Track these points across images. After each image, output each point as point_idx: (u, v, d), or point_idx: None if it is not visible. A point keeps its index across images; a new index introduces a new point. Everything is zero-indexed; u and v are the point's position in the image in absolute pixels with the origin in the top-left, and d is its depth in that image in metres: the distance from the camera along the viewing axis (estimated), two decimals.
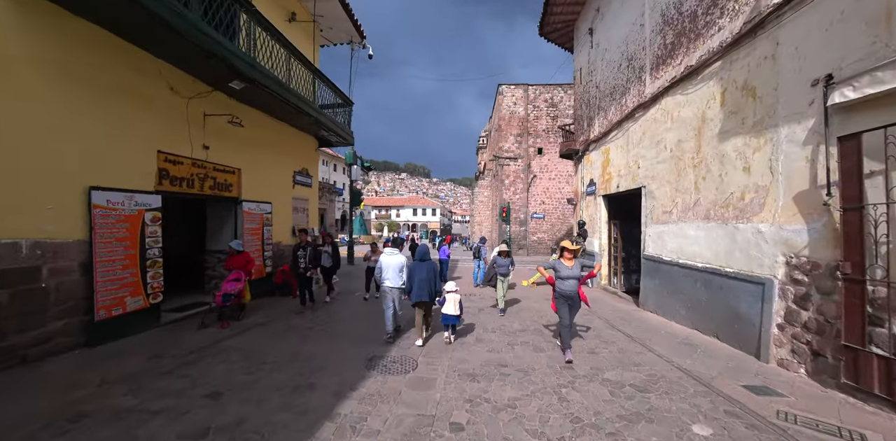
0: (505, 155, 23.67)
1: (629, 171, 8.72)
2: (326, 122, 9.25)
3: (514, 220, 23.47)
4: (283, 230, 8.87)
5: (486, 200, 31.01)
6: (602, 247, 10.52)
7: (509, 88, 23.77)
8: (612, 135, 9.80)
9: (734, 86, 5.30)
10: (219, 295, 5.60)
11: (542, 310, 7.68)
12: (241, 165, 7.20)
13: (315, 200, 10.33)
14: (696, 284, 5.97)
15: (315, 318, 6.57)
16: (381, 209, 68.91)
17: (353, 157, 15.63)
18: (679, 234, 6.56)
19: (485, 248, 10.71)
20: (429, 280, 5.20)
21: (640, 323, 6.56)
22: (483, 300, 8.76)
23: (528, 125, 23.64)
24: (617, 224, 10.20)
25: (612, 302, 8.56)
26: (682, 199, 6.56)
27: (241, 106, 7.22)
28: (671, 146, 6.93)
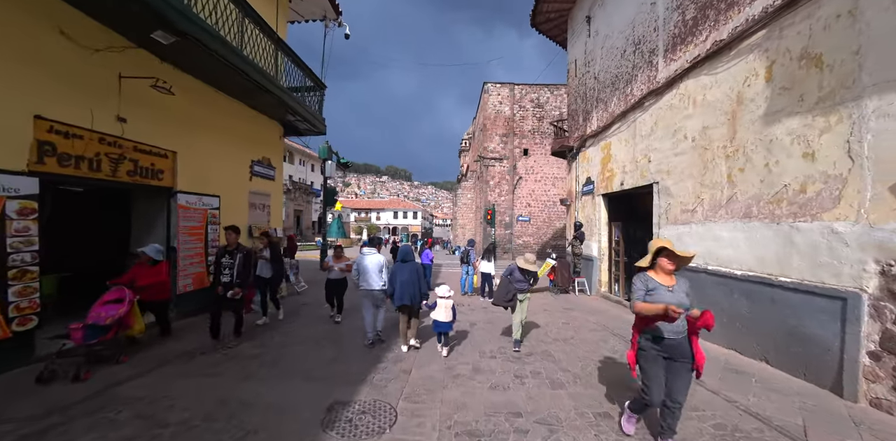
0: (490, 155, 22.70)
1: (637, 167, 7.75)
2: (292, 103, 7.86)
3: (500, 223, 22.47)
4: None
5: (470, 203, 29.97)
6: (602, 251, 9.53)
7: (495, 87, 22.88)
8: (613, 128, 8.85)
9: (787, 56, 4.34)
10: (78, 328, 3.61)
11: (542, 322, 6.52)
12: (178, 148, 5.72)
13: (279, 196, 8.87)
14: (734, 296, 4.96)
15: (263, 343, 5.05)
16: (360, 212, 66.82)
17: (328, 151, 14.15)
18: (706, 236, 5.57)
19: (473, 253, 9.53)
20: (412, 282, 4.73)
21: None
22: (474, 312, 7.53)
23: (514, 125, 22.79)
24: (619, 226, 9.24)
25: (620, 313, 7.52)
26: (709, 196, 5.58)
27: (179, 73, 5.75)
28: (694, 135, 5.97)
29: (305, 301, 8.17)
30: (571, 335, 5.84)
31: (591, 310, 7.83)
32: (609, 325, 6.50)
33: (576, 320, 6.86)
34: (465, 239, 29.55)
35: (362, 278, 5.01)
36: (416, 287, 4.73)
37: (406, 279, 4.71)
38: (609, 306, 8.28)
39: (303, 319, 6.60)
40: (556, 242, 22.42)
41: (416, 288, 4.73)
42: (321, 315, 6.90)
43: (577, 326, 6.43)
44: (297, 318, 6.70)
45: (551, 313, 7.42)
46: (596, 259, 9.72)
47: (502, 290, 5.17)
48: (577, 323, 6.68)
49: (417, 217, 66.79)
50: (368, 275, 4.98)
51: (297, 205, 39.12)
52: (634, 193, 8.78)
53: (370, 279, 4.98)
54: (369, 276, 4.98)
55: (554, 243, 22.61)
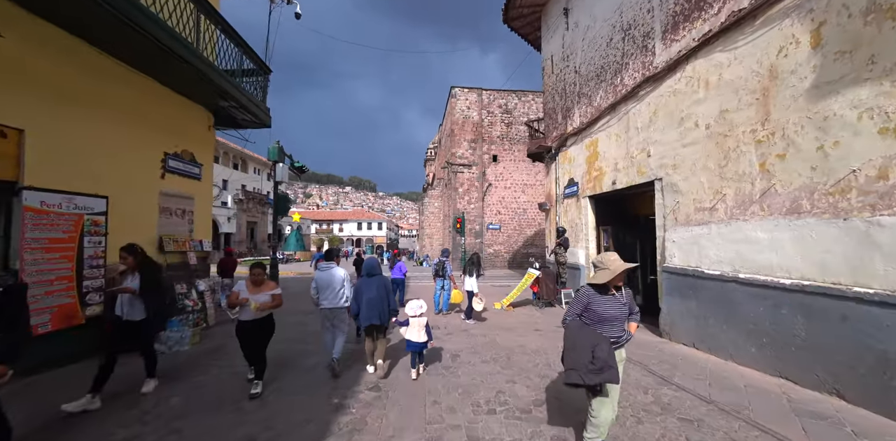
0: (458, 161, 21.69)
1: (632, 163, 6.86)
2: (223, 83, 6.25)
3: (469, 232, 21.35)
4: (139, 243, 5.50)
5: (437, 211, 28.73)
6: (590, 258, 8.54)
7: (463, 91, 22.10)
8: (601, 123, 8.00)
9: (842, 14, 3.51)
10: None
11: (540, 348, 5.26)
12: (28, 125, 3.91)
13: (207, 200, 7.07)
14: (781, 311, 3.98)
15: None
16: (322, 223, 63.44)
17: (279, 152, 12.34)
18: (734, 238, 4.62)
19: (449, 264, 8.19)
20: (380, 299, 4.23)
21: (691, 367, 4.41)
22: (454, 338, 6.13)
23: (483, 131, 22.03)
24: (608, 230, 8.31)
25: None
26: (734, 190, 4.67)
27: (34, 19, 4.04)
28: (708, 121, 5.10)
29: (220, 346, 5.44)
30: None
31: None
32: None
33: None
34: (433, 249, 28.13)
35: (322, 296, 4.39)
36: (384, 304, 4.21)
37: (374, 296, 4.17)
38: None
39: (203, 390, 3.87)
40: (528, 251, 21.64)
41: (384, 305, 4.21)
42: (241, 373, 4.32)
43: None
44: (194, 386, 3.95)
45: (545, 335, 6.20)
46: (583, 267, 8.71)
47: (581, 351, 2.48)
48: None
49: (382, 228, 64.50)
50: (329, 291, 4.36)
51: (251, 216, 35.99)
52: (627, 194, 7.92)
53: (331, 296, 4.36)
54: (330, 293, 4.36)
55: (525, 251, 21.81)
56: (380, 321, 4.18)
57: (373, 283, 4.28)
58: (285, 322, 7.09)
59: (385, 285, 4.33)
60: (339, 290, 4.41)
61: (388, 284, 4.42)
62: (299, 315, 7.86)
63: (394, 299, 4.42)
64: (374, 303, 4.16)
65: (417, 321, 4.18)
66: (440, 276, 8.10)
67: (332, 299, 4.39)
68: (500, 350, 5.32)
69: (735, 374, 4.15)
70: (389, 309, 4.28)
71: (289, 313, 7.91)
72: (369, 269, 4.41)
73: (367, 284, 4.26)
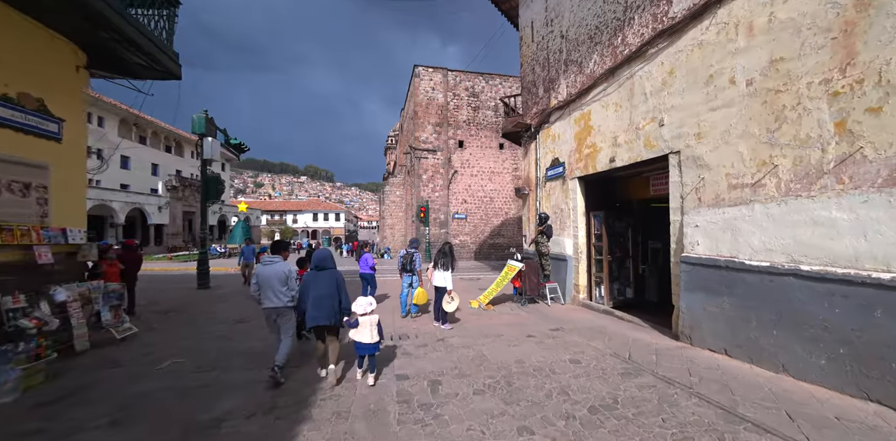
0: (422, 146, 20.04)
1: (637, 135, 5.75)
2: (94, 1, 4.18)
3: (434, 222, 19.94)
4: None
5: (399, 200, 26.93)
6: (578, 248, 7.47)
7: (427, 71, 20.33)
8: (595, 92, 6.84)
9: None
10: None
11: (542, 362, 4.00)
12: None
13: (77, 172, 4.91)
14: (874, 314, 2.99)
15: None
16: (274, 214, 58.78)
17: (206, 123, 10.00)
18: (794, 220, 3.60)
19: (419, 256, 6.71)
20: (330, 296, 3.70)
21: (748, 387, 3.36)
22: (428, 351, 4.70)
23: (448, 114, 20.50)
24: (599, 216, 7.26)
25: (621, 330, 5.39)
26: (792, 158, 3.63)
27: None
28: (751, 76, 4.03)
29: (84, 386, 3.57)
30: (609, 395, 3.39)
31: (586, 329, 5.60)
32: (640, 359, 4.24)
33: (584, 354, 4.49)
34: (394, 240, 26.41)
35: (264, 294, 3.84)
36: (334, 302, 3.74)
37: (323, 293, 3.72)
38: (601, 320, 6.15)
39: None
40: (495, 241, 20.70)
41: (334, 302, 3.74)
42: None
43: (598, 370, 4.03)
44: None
45: (543, 343, 4.96)
46: (570, 258, 7.64)
47: None
48: (590, 359, 4.30)
49: (340, 219, 61.14)
50: (269, 289, 3.81)
51: (188, 205, 31.82)
52: (619, 176, 6.89)
53: (271, 294, 3.81)
54: (270, 291, 3.81)
55: (492, 242, 20.85)
56: (329, 321, 3.68)
57: (322, 277, 3.76)
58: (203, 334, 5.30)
59: (337, 281, 3.80)
60: (282, 287, 3.80)
61: (341, 280, 3.84)
62: (225, 325, 6.01)
63: (346, 297, 3.80)
64: (324, 300, 3.67)
65: (368, 319, 3.70)
66: (408, 272, 6.61)
67: (274, 298, 3.78)
68: (493, 370, 3.99)
69: (809, 398, 3.13)
70: (342, 308, 3.75)
71: (217, 322, 6.05)
72: (319, 261, 3.85)
73: (316, 279, 3.75)
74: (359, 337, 3.65)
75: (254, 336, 5.38)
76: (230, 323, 6.23)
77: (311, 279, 3.78)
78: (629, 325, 5.76)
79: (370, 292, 7.78)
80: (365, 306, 3.73)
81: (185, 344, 5.00)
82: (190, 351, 4.68)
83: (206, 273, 10.02)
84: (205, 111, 10.16)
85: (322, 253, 3.95)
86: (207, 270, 10.11)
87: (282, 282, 3.80)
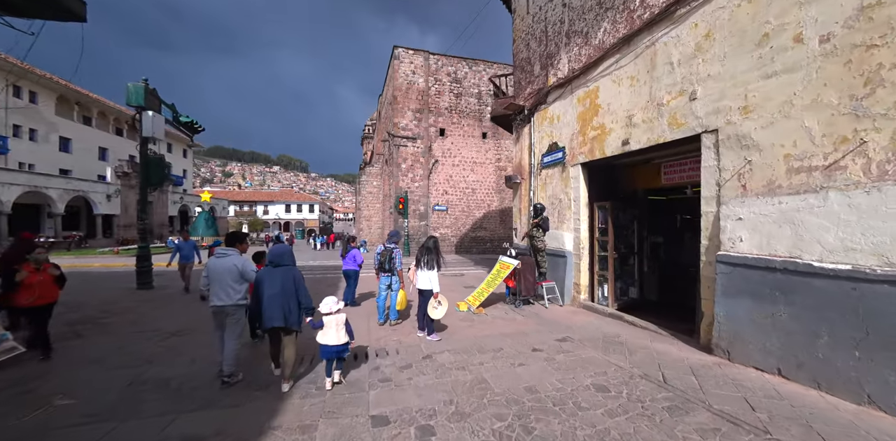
0: (402, 133, 18.71)
1: (659, 113, 4.87)
2: None
3: (413, 214, 18.79)
4: None
5: (376, 191, 25.50)
6: (580, 243, 6.61)
7: (407, 53, 18.89)
8: (605, 65, 5.91)
9: None
10: None
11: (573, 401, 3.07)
12: None
13: None
14: None
15: None
16: (243, 205, 55.44)
17: (146, 95, 8.34)
18: (891, 213, 2.79)
19: (399, 253, 5.61)
20: (285, 294, 3.34)
21: (839, 429, 2.56)
22: (414, 373, 3.66)
23: (430, 100, 19.22)
24: (605, 208, 6.42)
25: (638, 339, 4.57)
26: (888, 133, 2.81)
27: None
28: (828, 30, 3.17)
29: None
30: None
31: (598, 339, 4.74)
32: (679, 383, 3.38)
33: (607, 375, 3.60)
34: (371, 232, 25.04)
35: (212, 290, 3.42)
36: (290, 301, 3.34)
37: (276, 291, 3.31)
38: (610, 326, 5.32)
39: None
40: (477, 234, 19.84)
41: (289, 302, 3.33)
42: None
43: (636, 401, 3.14)
44: None
45: (553, 359, 4.04)
46: (570, 255, 6.78)
47: None
48: (619, 384, 3.41)
49: (315, 211, 58.54)
50: (219, 285, 3.39)
51: None
52: (629, 162, 6.05)
53: (220, 290, 3.39)
54: (220, 287, 3.39)
55: (474, 235, 19.97)
56: (285, 323, 3.34)
57: (277, 274, 3.41)
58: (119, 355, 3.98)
59: (294, 278, 3.44)
60: (235, 283, 3.45)
61: (299, 277, 3.49)
62: (153, 341, 4.71)
63: (306, 295, 3.44)
64: (278, 299, 3.33)
65: (334, 319, 3.42)
66: (386, 271, 5.52)
67: (223, 295, 3.42)
68: (501, 404, 3.01)
69: None
70: (301, 307, 3.42)
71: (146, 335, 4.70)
72: (275, 257, 3.49)
73: (271, 276, 3.42)
74: (325, 339, 3.34)
75: (185, 355, 4.17)
76: (162, 336, 4.93)
77: (265, 276, 3.42)
78: (645, 333, 4.94)
79: (349, 294, 6.73)
80: (330, 305, 3.43)
81: (88, 372, 3.71)
82: (89, 384, 3.42)
83: (147, 271, 8.48)
84: (144, 80, 8.48)
85: (279, 248, 3.56)
86: (149, 268, 8.56)
87: (234, 277, 3.43)
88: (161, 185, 9.18)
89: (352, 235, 7.64)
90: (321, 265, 14.77)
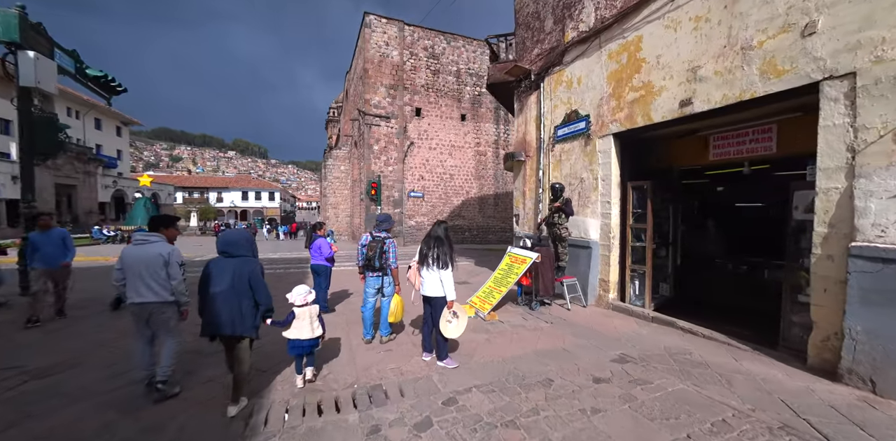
0: (374, 111, 16.66)
1: (747, 59, 3.63)
2: None
3: (387, 200, 17.00)
4: None
5: (343, 176, 23.23)
6: (610, 231, 5.39)
7: (380, 21, 16.68)
8: (649, 9, 4.60)
9: None
10: None
11: None
12: None
13: None
14: None
15: None
16: (193, 191, 50.03)
17: (21, 25, 5.91)
18: None
19: (394, 244, 4.06)
20: (237, 293, 2.61)
21: None
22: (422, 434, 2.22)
23: (405, 76, 17.24)
24: (643, 189, 5.22)
25: (715, 356, 3.43)
26: None
27: None
28: None
29: None
30: None
31: (663, 357, 3.53)
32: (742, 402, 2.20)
33: (728, 424, 2.37)
34: (339, 221, 22.86)
35: (129, 284, 2.75)
36: (241, 302, 2.60)
37: (224, 289, 2.58)
38: (663, 335, 4.16)
39: None
40: (455, 223, 18.46)
41: (244, 303, 2.61)
42: None
43: None
44: None
45: (634, 401, 2.75)
46: (595, 245, 5.56)
47: None
48: None
49: (275, 198, 54.21)
50: (137, 278, 2.73)
51: (65, 177, 24.69)
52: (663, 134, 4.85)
53: (141, 285, 2.73)
54: (140, 281, 2.73)
55: (452, 223, 18.54)
56: (231, 330, 2.58)
57: (228, 267, 2.62)
58: None
59: (251, 273, 2.64)
60: (158, 274, 2.73)
61: (256, 271, 2.68)
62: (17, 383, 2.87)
63: (265, 294, 2.67)
64: (226, 299, 2.57)
65: (307, 311, 2.95)
66: (376, 270, 3.95)
67: (145, 290, 2.72)
68: None
69: None
70: (258, 310, 2.67)
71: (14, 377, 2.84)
72: (228, 245, 2.70)
73: (219, 269, 2.63)
74: (296, 333, 2.90)
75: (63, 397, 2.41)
76: (22, 379, 3.07)
77: (212, 268, 2.66)
78: (718, 347, 3.81)
79: (321, 296, 5.09)
80: (301, 295, 2.97)
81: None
82: None
83: (22, 272, 6.17)
84: (20, 7, 6.02)
85: (232, 234, 2.79)
86: (24, 270, 6.25)
87: (158, 268, 2.74)
88: (53, 154, 6.77)
89: (319, 222, 5.69)
90: (283, 257, 12.74)
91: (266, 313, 2.74)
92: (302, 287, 3.04)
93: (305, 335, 2.90)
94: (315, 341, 2.98)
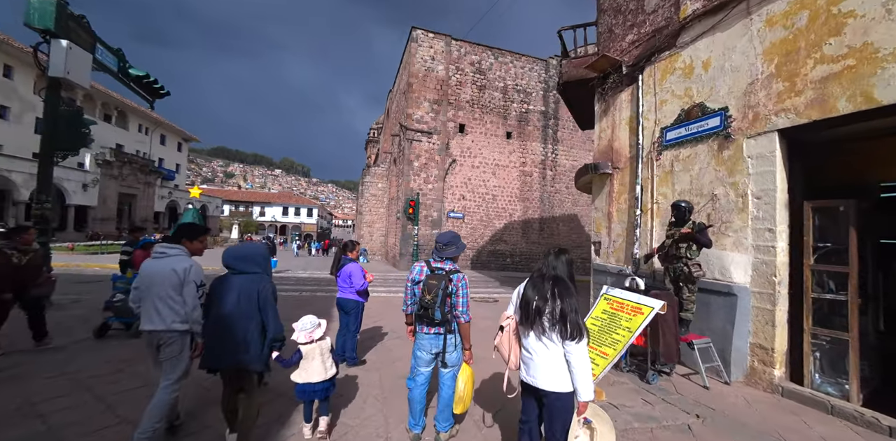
0: (416, 126, 15.82)
1: None
2: None
3: (425, 220, 15.73)
4: None
5: (381, 193, 22.46)
6: (772, 273, 3.55)
7: (426, 36, 16.20)
8: None
9: None
10: None
11: None
12: None
13: None
14: None
15: None
16: (239, 205, 52.12)
17: (59, 14, 5.36)
18: None
19: (465, 282, 2.56)
20: (244, 317, 2.14)
21: None
22: None
23: (449, 91, 16.44)
24: (836, 212, 3.41)
25: None
26: None
27: None
28: None
29: None
30: None
31: None
32: None
33: None
34: (373, 241, 21.85)
35: (143, 307, 2.31)
36: (252, 326, 2.14)
37: (230, 311, 2.13)
38: None
39: None
40: (496, 247, 16.76)
41: (251, 328, 2.14)
42: None
43: None
44: None
45: None
46: (744, 292, 3.73)
47: None
48: None
49: (313, 215, 55.25)
50: (150, 299, 2.26)
51: (128, 187, 25.84)
52: (850, 133, 3.08)
53: (151, 308, 2.26)
54: (151, 303, 2.26)
55: (492, 248, 16.87)
56: (235, 361, 2.13)
57: (234, 285, 2.17)
58: None
59: (259, 292, 2.16)
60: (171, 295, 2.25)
61: (267, 291, 2.19)
62: None
63: (276, 320, 2.17)
64: (231, 323, 2.12)
65: (317, 348, 2.41)
66: (435, 323, 2.41)
67: (155, 315, 2.24)
68: None
69: None
70: (266, 338, 2.18)
71: None
72: (235, 259, 2.26)
73: (226, 287, 2.20)
74: (303, 376, 2.38)
75: None
76: None
77: (217, 288, 2.22)
78: None
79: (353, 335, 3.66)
80: (308, 327, 2.42)
81: None
82: None
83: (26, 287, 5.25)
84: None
85: (243, 248, 2.35)
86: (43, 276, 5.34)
87: (169, 287, 2.25)
88: (75, 151, 6.04)
89: (350, 240, 4.14)
90: (313, 277, 11.58)
91: (273, 343, 2.22)
92: (309, 319, 2.48)
93: (316, 377, 2.40)
94: (328, 384, 2.46)
